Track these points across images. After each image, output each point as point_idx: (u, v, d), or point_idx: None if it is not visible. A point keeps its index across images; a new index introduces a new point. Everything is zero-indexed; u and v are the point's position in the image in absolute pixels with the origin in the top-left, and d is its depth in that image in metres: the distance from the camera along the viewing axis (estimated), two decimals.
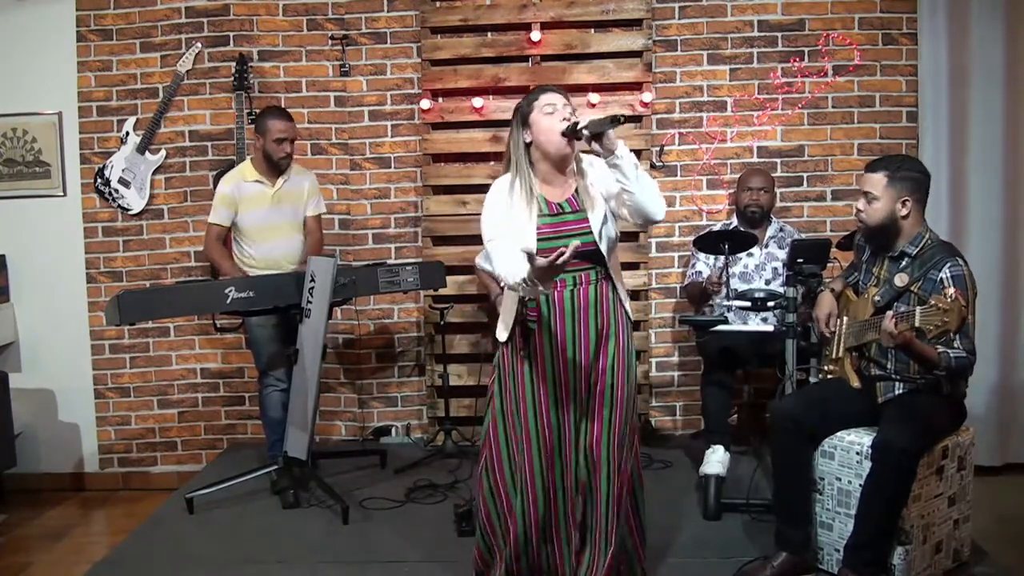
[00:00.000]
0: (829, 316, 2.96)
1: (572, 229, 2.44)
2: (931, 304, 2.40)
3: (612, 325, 2.49)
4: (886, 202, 2.71)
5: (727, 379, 3.58)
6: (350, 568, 2.97)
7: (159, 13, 4.26)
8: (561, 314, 2.45)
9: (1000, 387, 4.05)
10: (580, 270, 2.45)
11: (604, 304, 2.48)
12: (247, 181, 3.65)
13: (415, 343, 4.40)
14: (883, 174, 2.71)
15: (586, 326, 2.46)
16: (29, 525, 3.94)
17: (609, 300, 2.49)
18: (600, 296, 2.47)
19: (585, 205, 2.46)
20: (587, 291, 2.46)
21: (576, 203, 2.48)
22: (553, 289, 2.42)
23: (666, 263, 4.29)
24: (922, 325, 2.42)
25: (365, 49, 4.26)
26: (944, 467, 2.75)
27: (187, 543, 3.22)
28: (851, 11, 4.12)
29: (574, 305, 2.45)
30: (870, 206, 2.74)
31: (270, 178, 3.67)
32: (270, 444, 3.73)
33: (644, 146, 4.14)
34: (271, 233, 3.68)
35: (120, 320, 3.17)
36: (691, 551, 3.00)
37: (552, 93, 2.47)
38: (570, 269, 2.38)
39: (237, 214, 3.66)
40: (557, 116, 2.42)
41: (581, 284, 2.46)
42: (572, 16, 4.14)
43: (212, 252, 3.70)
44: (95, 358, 4.40)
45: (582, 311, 2.46)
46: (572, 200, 2.48)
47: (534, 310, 2.46)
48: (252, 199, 3.65)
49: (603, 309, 2.48)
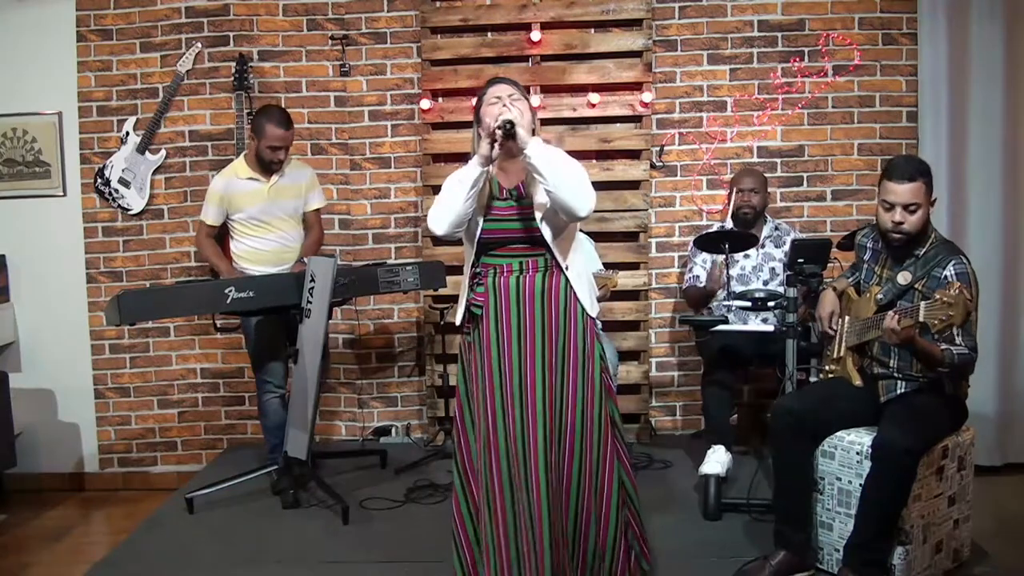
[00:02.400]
0: (832, 315, 2.96)
1: (517, 214, 2.46)
2: (936, 298, 2.39)
3: (563, 320, 2.44)
4: (925, 209, 2.67)
5: (727, 379, 3.57)
6: (350, 568, 2.97)
7: (159, 13, 4.26)
8: (507, 301, 2.43)
9: (1000, 387, 4.05)
10: (527, 255, 2.45)
11: (553, 295, 2.44)
12: (240, 178, 3.63)
13: (415, 343, 4.40)
14: (921, 182, 2.64)
15: (532, 316, 2.42)
16: (29, 525, 3.94)
17: (559, 292, 2.44)
18: (548, 286, 2.44)
19: (532, 191, 2.44)
20: (534, 278, 2.43)
21: (523, 189, 2.48)
22: (500, 275, 2.44)
23: (666, 263, 4.29)
24: (926, 319, 2.41)
25: (365, 49, 4.26)
26: (944, 467, 2.75)
27: (187, 543, 3.22)
28: (851, 11, 4.13)
29: (519, 293, 2.43)
30: (912, 216, 2.66)
31: (264, 174, 3.64)
32: (270, 448, 3.73)
33: (644, 146, 4.14)
34: (269, 228, 3.67)
35: (120, 320, 3.16)
36: (691, 551, 3.00)
37: (499, 85, 2.51)
38: (516, 254, 2.44)
39: (231, 211, 3.65)
40: (497, 106, 2.44)
41: (528, 271, 2.44)
42: (572, 16, 4.14)
43: (205, 249, 3.69)
44: (95, 358, 4.40)
45: (527, 299, 2.42)
46: (520, 186, 2.49)
47: (481, 295, 2.46)
48: (246, 196, 3.63)
49: (552, 300, 2.43)
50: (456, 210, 2.39)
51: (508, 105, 2.44)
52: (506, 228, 2.46)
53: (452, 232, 2.44)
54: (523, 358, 2.42)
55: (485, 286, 2.45)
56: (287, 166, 3.70)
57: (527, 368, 2.41)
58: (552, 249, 2.45)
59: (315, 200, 3.80)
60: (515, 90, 2.50)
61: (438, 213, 2.43)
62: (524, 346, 2.42)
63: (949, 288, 2.39)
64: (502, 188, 2.50)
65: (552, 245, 2.44)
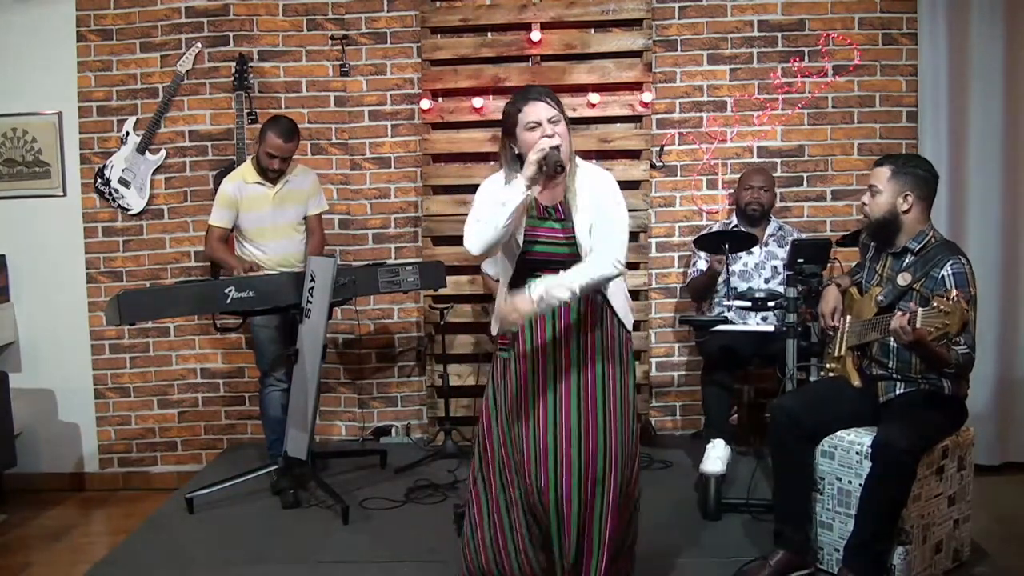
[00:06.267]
0: (834, 311, 2.96)
1: (555, 237, 2.37)
2: (933, 306, 2.40)
3: (599, 338, 2.38)
4: (888, 196, 2.72)
5: (727, 379, 3.58)
6: (350, 568, 2.97)
7: (159, 13, 4.26)
8: (543, 320, 2.36)
9: (999, 386, 4.05)
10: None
11: (590, 313, 2.37)
12: (248, 183, 3.65)
13: (415, 343, 4.40)
14: (888, 168, 2.74)
15: (568, 335, 2.36)
16: (29, 525, 3.94)
17: (596, 315, 2.38)
18: (585, 312, 2.36)
19: (572, 213, 2.36)
20: (569, 308, 2.35)
21: (562, 210, 2.39)
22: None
23: (666, 263, 4.29)
24: (923, 327, 2.42)
25: (365, 49, 4.26)
26: (944, 467, 2.75)
27: (187, 543, 3.22)
28: (851, 11, 4.13)
29: (555, 322, 2.36)
30: (873, 199, 2.75)
31: (270, 180, 3.67)
32: (269, 443, 3.74)
33: (644, 146, 4.14)
34: (273, 234, 3.68)
35: (120, 320, 3.17)
36: (691, 551, 3.00)
37: (535, 103, 2.31)
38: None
39: (239, 215, 3.66)
40: (538, 133, 2.29)
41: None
42: (572, 16, 4.14)
43: (215, 252, 3.70)
44: (95, 358, 4.40)
45: (563, 318, 2.36)
46: (559, 207, 2.40)
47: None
48: (253, 200, 3.65)
49: (588, 319, 2.37)
50: (496, 233, 2.27)
51: (550, 134, 2.28)
52: (551, 252, 2.37)
53: (489, 253, 2.34)
54: (558, 377, 2.36)
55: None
56: (292, 172, 3.72)
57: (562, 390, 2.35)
58: None
59: (317, 205, 3.81)
60: (554, 110, 2.32)
61: (476, 234, 2.30)
62: (559, 364, 2.36)
63: (946, 295, 2.39)
64: (540, 205, 2.40)
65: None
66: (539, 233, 2.39)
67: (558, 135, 2.29)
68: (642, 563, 2.87)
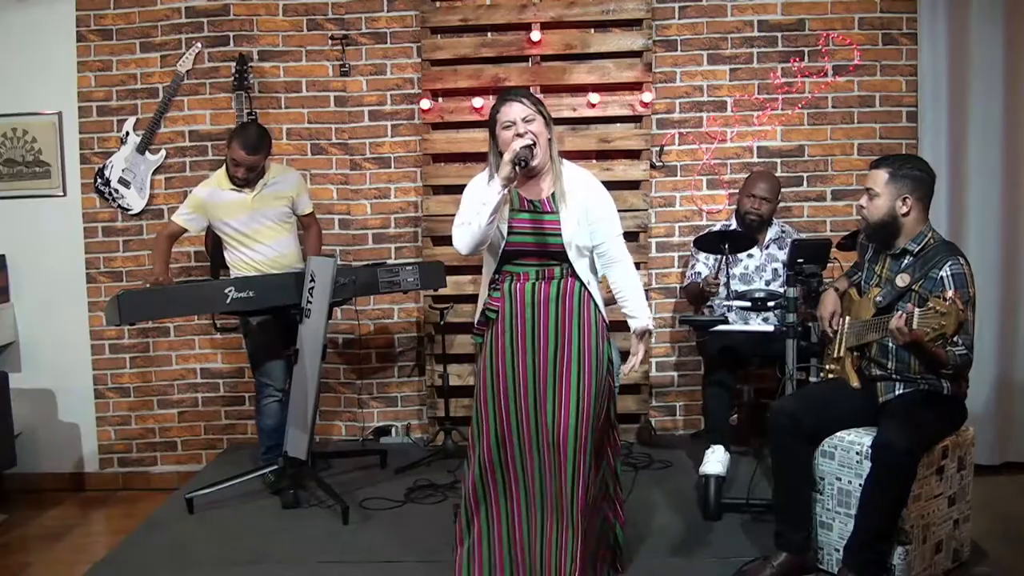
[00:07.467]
0: (833, 314, 2.96)
1: (543, 228, 2.53)
2: (929, 307, 2.40)
3: (576, 316, 2.53)
4: (887, 199, 2.72)
5: (727, 379, 3.57)
6: (350, 568, 2.97)
7: (159, 13, 4.26)
8: (521, 306, 2.53)
9: (999, 386, 4.05)
10: (545, 264, 2.54)
11: (567, 298, 2.53)
12: (223, 189, 3.61)
13: (415, 343, 4.40)
14: (885, 171, 2.74)
15: (546, 317, 2.52)
16: (29, 525, 3.94)
17: (574, 295, 2.54)
18: (563, 291, 2.54)
19: (559, 207, 2.53)
20: (549, 285, 2.53)
21: (550, 205, 2.55)
22: (516, 281, 2.53)
23: (666, 263, 4.29)
24: (919, 328, 2.42)
25: (365, 49, 4.26)
26: (944, 467, 2.75)
27: (187, 543, 3.22)
28: (851, 11, 4.13)
29: (535, 297, 2.53)
30: (871, 202, 2.75)
31: (247, 184, 3.61)
32: (264, 450, 3.72)
33: (644, 146, 4.14)
34: (258, 237, 3.63)
35: (120, 320, 3.17)
36: (691, 551, 3.00)
37: (511, 104, 2.50)
38: (535, 263, 2.53)
39: (214, 222, 3.62)
40: (511, 132, 2.47)
41: (544, 279, 2.53)
42: (572, 16, 4.14)
43: (157, 246, 3.67)
44: (95, 358, 4.40)
45: (542, 304, 2.52)
46: (547, 201, 2.56)
47: (497, 299, 2.55)
48: (230, 207, 3.60)
49: (566, 302, 2.53)
50: (480, 232, 2.46)
51: (522, 132, 2.46)
52: (527, 242, 2.54)
53: (477, 251, 2.52)
54: (536, 360, 2.52)
55: (501, 291, 2.56)
56: (270, 175, 3.66)
57: (540, 371, 2.51)
58: (572, 263, 2.54)
59: (305, 204, 3.78)
60: (529, 109, 2.50)
61: (461, 236, 2.50)
62: (537, 348, 2.52)
63: (943, 296, 2.40)
64: (523, 199, 2.57)
65: (573, 262, 2.54)
66: (523, 225, 2.54)
67: (531, 133, 2.47)
68: (642, 563, 2.88)
